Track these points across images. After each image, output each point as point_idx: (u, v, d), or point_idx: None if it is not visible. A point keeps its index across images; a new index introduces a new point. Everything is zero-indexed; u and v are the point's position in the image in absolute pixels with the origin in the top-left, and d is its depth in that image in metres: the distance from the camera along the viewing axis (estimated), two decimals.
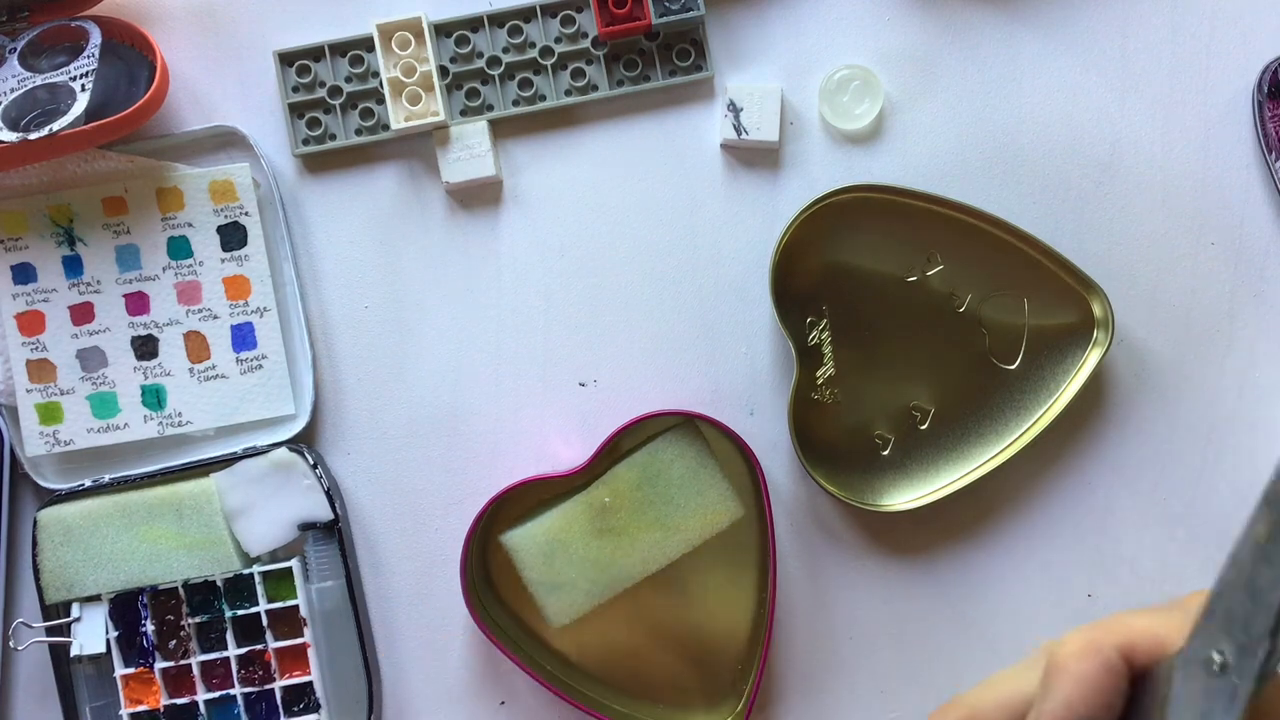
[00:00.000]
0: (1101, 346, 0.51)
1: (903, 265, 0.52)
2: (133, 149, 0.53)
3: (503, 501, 0.51)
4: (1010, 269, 0.52)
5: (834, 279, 0.52)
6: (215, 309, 0.53)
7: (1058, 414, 0.51)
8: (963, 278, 0.52)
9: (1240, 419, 0.53)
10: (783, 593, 0.53)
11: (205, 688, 0.52)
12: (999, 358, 0.52)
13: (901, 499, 0.52)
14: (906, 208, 0.52)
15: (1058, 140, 0.53)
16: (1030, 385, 0.52)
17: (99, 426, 0.53)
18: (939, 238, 0.52)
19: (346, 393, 0.54)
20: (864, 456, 0.52)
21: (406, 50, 0.52)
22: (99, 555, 0.51)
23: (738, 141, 0.53)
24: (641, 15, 0.52)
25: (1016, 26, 0.54)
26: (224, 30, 0.54)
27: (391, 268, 0.54)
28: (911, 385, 0.52)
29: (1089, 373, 0.51)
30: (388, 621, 0.54)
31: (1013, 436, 0.52)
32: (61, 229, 0.53)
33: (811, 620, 0.53)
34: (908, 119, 0.54)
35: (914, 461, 0.52)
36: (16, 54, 0.51)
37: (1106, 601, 0.53)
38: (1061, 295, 0.52)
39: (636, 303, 0.54)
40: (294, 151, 0.53)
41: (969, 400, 0.52)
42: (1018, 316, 0.52)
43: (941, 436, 0.52)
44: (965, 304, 0.52)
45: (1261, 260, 0.53)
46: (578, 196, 0.54)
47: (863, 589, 0.53)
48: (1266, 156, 0.53)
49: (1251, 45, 0.53)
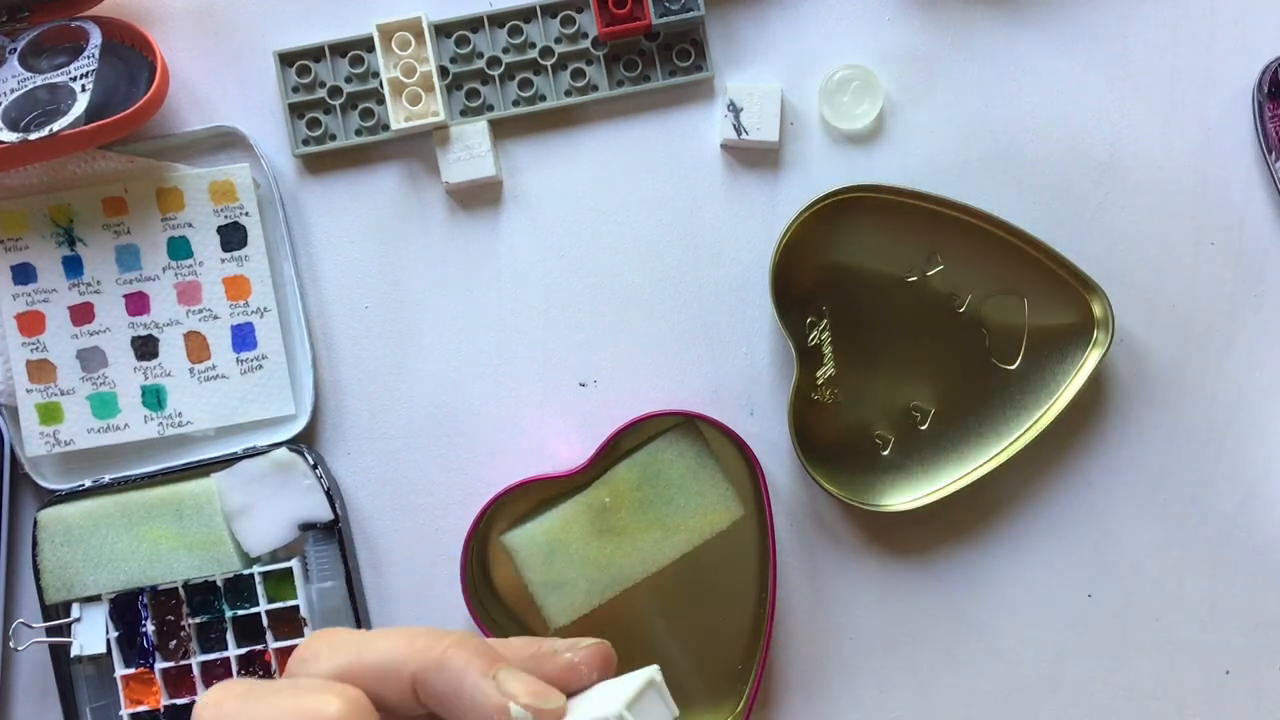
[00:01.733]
0: (1101, 346, 0.51)
1: (903, 265, 0.52)
2: (133, 149, 0.53)
3: (503, 501, 0.51)
4: (1010, 269, 0.52)
5: (834, 279, 0.52)
6: (215, 309, 0.53)
7: (1058, 414, 0.51)
8: (963, 278, 0.52)
9: (1240, 419, 0.53)
10: (783, 593, 0.53)
11: (205, 688, 0.51)
12: (999, 358, 0.52)
13: (901, 499, 0.52)
14: (906, 207, 0.52)
15: (1058, 140, 0.53)
16: (1030, 385, 0.52)
17: (99, 427, 0.53)
18: (939, 238, 0.52)
19: (346, 393, 0.54)
20: (864, 456, 0.52)
21: (406, 50, 0.52)
22: (99, 555, 0.51)
23: (738, 141, 0.53)
24: (641, 15, 0.52)
25: (1016, 26, 0.54)
26: (224, 30, 0.54)
27: (391, 268, 0.54)
28: (911, 385, 0.52)
29: (1089, 373, 0.51)
30: (388, 621, 0.53)
31: (1013, 436, 0.52)
32: (61, 229, 0.53)
33: (811, 620, 0.53)
34: (908, 119, 0.54)
35: (914, 461, 0.52)
36: (16, 54, 0.51)
37: (1107, 601, 0.53)
38: (1061, 295, 0.52)
39: (636, 303, 0.54)
40: (294, 152, 0.53)
41: (969, 400, 0.52)
42: (1018, 316, 0.52)
43: (941, 436, 0.52)
44: (965, 304, 0.52)
45: (1261, 260, 0.53)
46: (578, 196, 0.54)
47: (862, 589, 0.53)
48: (1266, 156, 0.53)
49: (1251, 45, 0.53)
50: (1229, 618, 0.53)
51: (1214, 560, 0.53)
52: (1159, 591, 0.53)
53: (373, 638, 0.29)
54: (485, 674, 0.28)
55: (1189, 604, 0.53)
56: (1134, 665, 0.53)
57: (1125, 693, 0.53)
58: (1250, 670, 0.53)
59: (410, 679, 0.28)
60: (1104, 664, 0.53)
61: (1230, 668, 0.53)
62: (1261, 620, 0.53)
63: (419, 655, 0.28)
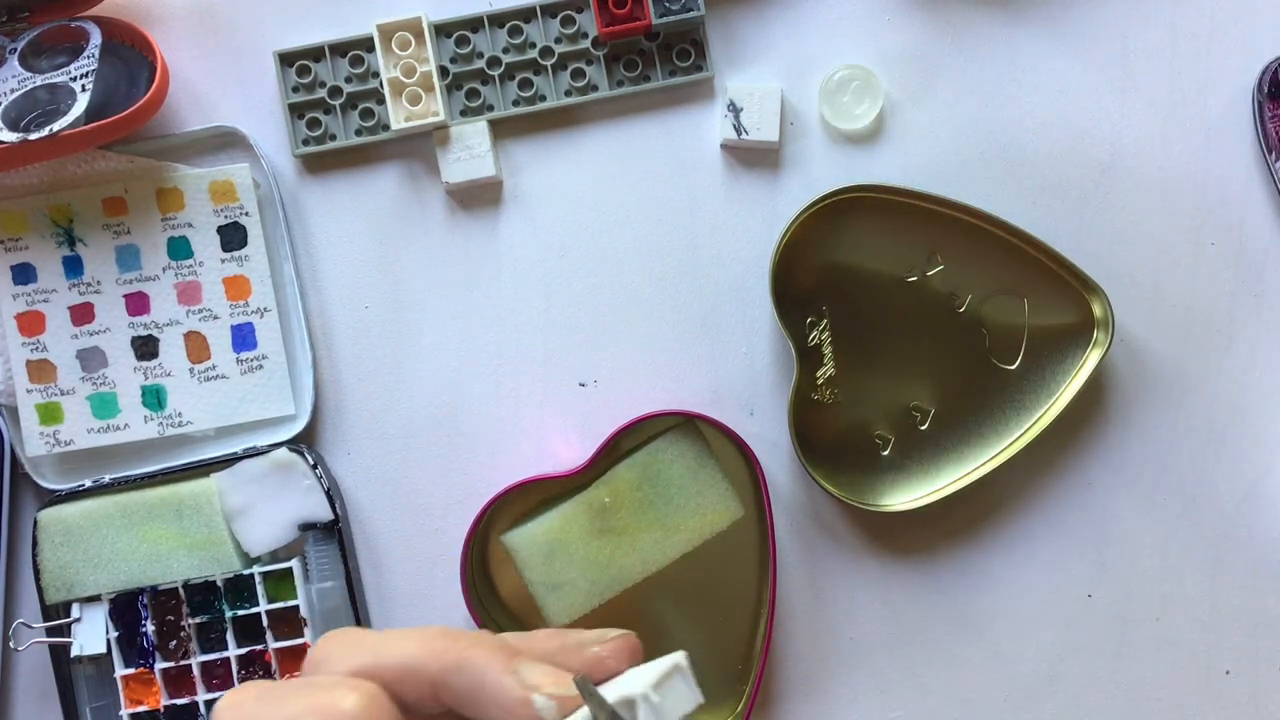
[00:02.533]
0: (1101, 346, 0.51)
1: (903, 265, 0.52)
2: (133, 149, 0.53)
3: (503, 501, 0.51)
4: (1010, 269, 0.52)
5: (834, 279, 0.52)
6: (215, 309, 0.53)
7: (1058, 414, 0.51)
8: (963, 278, 0.52)
9: (1240, 419, 0.53)
10: (783, 592, 0.53)
11: (205, 688, 0.52)
12: (999, 358, 0.52)
13: (901, 499, 0.52)
14: (906, 207, 0.52)
15: (1058, 140, 0.53)
16: (1030, 385, 0.52)
17: (99, 427, 0.53)
18: (939, 238, 0.52)
19: (346, 393, 0.54)
20: (864, 456, 0.52)
21: (406, 50, 0.52)
22: (99, 555, 0.51)
23: (738, 141, 0.53)
24: (641, 15, 0.52)
25: (1016, 26, 0.54)
26: (224, 30, 0.54)
27: (391, 268, 0.54)
28: (911, 385, 0.52)
29: (1089, 372, 0.51)
30: (388, 621, 0.53)
31: (1013, 436, 0.52)
32: (62, 229, 0.53)
33: (811, 620, 0.53)
34: (908, 119, 0.54)
35: (914, 461, 0.52)
36: (16, 54, 0.51)
37: (1107, 601, 0.53)
38: (1061, 295, 0.52)
39: (636, 303, 0.54)
40: (294, 152, 0.53)
41: (969, 400, 0.52)
42: (1018, 316, 0.52)
43: (941, 436, 0.52)
44: (965, 304, 0.52)
45: (1261, 260, 0.53)
46: (578, 196, 0.54)
47: (862, 589, 0.53)
48: (1266, 156, 0.53)
49: (1251, 45, 0.53)
50: (1229, 618, 0.53)
51: (1214, 560, 0.53)
52: (1159, 591, 0.53)
53: (389, 639, 0.29)
54: (506, 669, 0.28)
55: (1189, 604, 0.53)
56: (1134, 665, 0.53)
57: (1125, 693, 0.53)
58: (1250, 670, 0.53)
59: (430, 681, 0.28)
60: (1104, 664, 0.53)
61: (1230, 668, 0.53)
62: (1261, 620, 0.53)
63: (438, 658, 0.28)
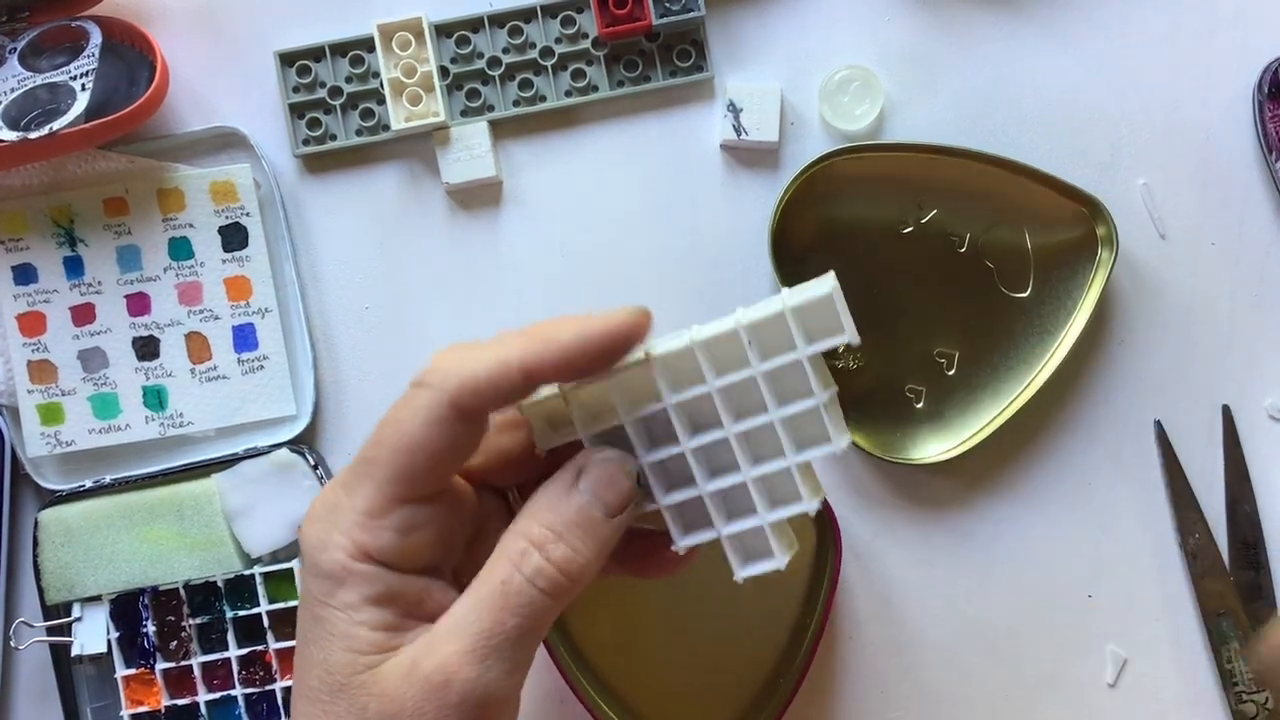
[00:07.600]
0: (1109, 249, 0.51)
1: (895, 220, 0.52)
2: (133, 149, 0.53)
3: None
4: (1001, 199, 0.52)
5: (832, 250, 0.52)
6: (216, 310, 0.53)
7: (1081, 330, 0.51)
8: (957, 218, 0.52)
9: (1240, 418, 0.53)
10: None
11: (206, 688, 0.52)
12: (1010, 288, 0.52)
13: (937, 449, 0.52)
14: (888, 163, 0.52)
15: (1058, 140, 0.53)
16: (1048, 307, 0.52)
17: (100, 427, 0.53)
18: (927, 185, 0.52)
19: (347, 393, 0.54)
20: (900, 411, 0.52)
21: (407, 51, 0.52)
22: (100, 556, 0.51)
23: (738, 142, 0.53)
24: (642, 16, 0.52)
25: (1016, 26, 0.54)
26: (224, 30, 0.54)
27: (392, 268, 0.54)
28: (932, 334, 0.52)
29: (1104, 281, 0.51)
30: None
31: (1040, 362, 0.52)
32: (62, 229, 0.53)
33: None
34: (908, 119, 0.54)
35: (951, 408, 0.52)
36: (17, 54, 0.51)
37: (1107, 602, 0.53)
38: (1057, 212, 0.52)
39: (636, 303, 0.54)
40: (294, 152, 0.53)
41: (990, 336, 0.52)
42: (1020, 243, 0.52)
43: (972, 377, 0.52)
44: (965, 243, 0.52)
45: (1261, 260, 0.53)
46: (578, 196, 0.54)
47: (863, 589, 0.53)
48: (1266, 156, 0.53)
49: (1251, 45, 0.53)
50: None
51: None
52: (1159, 591, 0.53)
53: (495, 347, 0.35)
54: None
55: (1189, 603, 0.53)
56: (1134, 665, 0.53)
57: (1125, 692, 0.53)
58: None
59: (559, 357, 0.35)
60: (1104, 664, 0.53)
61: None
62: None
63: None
